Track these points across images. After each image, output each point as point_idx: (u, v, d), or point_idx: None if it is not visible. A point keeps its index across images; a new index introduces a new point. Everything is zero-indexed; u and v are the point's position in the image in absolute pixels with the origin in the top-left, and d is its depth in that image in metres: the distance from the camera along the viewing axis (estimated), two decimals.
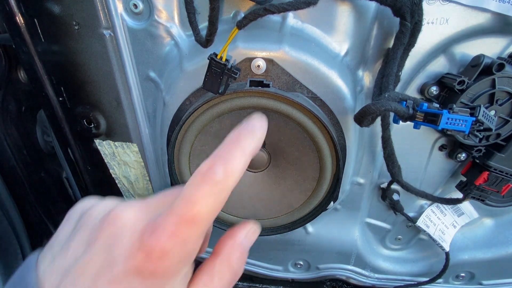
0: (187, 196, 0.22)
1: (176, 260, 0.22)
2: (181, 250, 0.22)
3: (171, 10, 0.41)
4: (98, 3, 0.41)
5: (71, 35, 0.44)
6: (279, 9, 0.32)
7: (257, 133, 0.25)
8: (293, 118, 0.40)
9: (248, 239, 0.29)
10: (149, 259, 0.21)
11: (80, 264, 0.23)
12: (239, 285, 0.73)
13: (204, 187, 0.22)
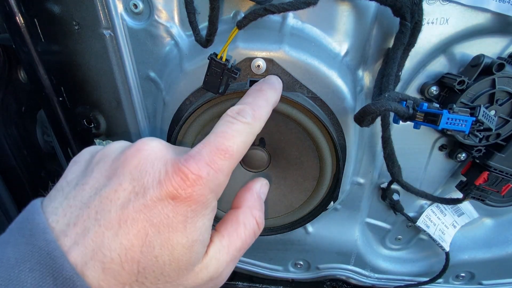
0: (221, 131, 0.24)
1: (209, 188, 0.23)
2: (215, 179, 0.23)
3: (171, 10, 0.41)
4: (98, 3, 0.41)
5: (71, 35, 0.44)
6: (279, 9, 0.32)
7: (277, 86, 0.29)
8: (293, 118, 0.40)
9: (263, 191, 0.31)
10: (185, 183, 0.22)
11: (104, 195, 0.22)
12: (239, 285, 0.73)
13: (236, 126, 0.24)
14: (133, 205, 0.21)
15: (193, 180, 0.22)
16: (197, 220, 0.23)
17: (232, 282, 0.73)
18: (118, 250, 0.21)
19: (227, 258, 0.26)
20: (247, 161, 0.45)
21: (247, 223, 0.28)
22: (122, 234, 0.21)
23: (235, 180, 0.46)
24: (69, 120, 0.52)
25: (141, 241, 0.21)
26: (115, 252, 0.21)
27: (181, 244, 0.22)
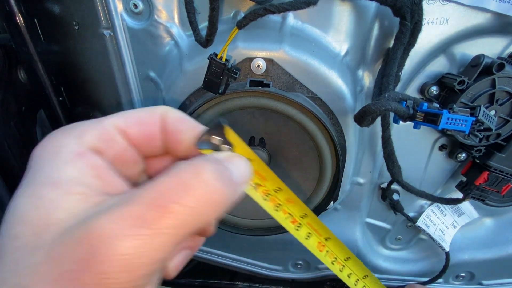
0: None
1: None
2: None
3: (171, 10, 0.41)
4: (98, 3, 0.41)
5: (71, 35, 0.44)
6: (279, 9, 0.32)
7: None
8: (293, 118, 0.40)
9: (235, 163, 0.21)
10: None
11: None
12: (239, 285, 0.73)
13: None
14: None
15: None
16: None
17: (232, 282, 0.73)
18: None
19: (115, 222, 0.16)
20: None
21: (170, 171, 0.18)
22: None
23: None
24: (69, 120, 0.52)
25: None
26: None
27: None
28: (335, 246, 0.33)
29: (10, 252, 0.17)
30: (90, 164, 0.19)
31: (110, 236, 0.15)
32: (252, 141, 0.45)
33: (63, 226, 0.16)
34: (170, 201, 0.16)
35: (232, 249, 0.65)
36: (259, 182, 0.27)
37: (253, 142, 0.45)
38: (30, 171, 0.19)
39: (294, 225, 0.30)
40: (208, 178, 0.18)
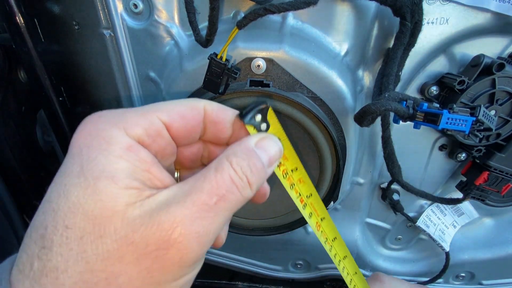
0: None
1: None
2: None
3: (171, 10, 0.41)
4: (98, 3, 0.41)
5: (71, 35, 0.44)
6: (279, 9, 0.32)
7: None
8: (293, 118, 0.40)
9: (263, 145, 0.24)
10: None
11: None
12: (239, 285, 0.73)
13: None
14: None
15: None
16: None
17: (232, 282, 0.73)
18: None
19: (187, 208, 0.19)
20: None
21: (219, 168, 0.22)
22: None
23: None
24: (69, 120, 0.52)
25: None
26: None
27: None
28: (327, 226, 0.37)
29: (61, 242, 0.18)
30: (141, 159, 0.21)
31: (185, 220, 0.19)
32: None
33: (127, 217, 0.19)
34: (225, 191, 0.21)
35: (232, 249, 0.65)
36: (281, 161, 0.31)
37: None
38: (80, 160, 0.20)
39: (301, 204, 0.34)
40: (243, 175, 0.22)
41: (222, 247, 0.65)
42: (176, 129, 0.24)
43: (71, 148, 0.21)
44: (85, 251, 0.18)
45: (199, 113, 0.25)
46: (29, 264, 0.19)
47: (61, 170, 0.21)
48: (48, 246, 0.18)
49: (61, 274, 0.18)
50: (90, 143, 0.20)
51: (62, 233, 0.18)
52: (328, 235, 0.37)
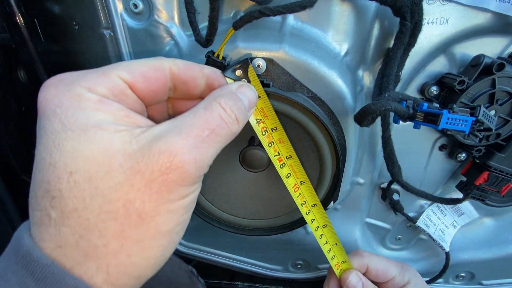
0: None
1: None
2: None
3: (171, 10, 0.41)
4: (98, 3, 0.41)
5: (71, 35, 0.44)
6: (274, 12, 0.32)
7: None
8: (293, 118, 0.40)
9: (242, 91, 0.28)
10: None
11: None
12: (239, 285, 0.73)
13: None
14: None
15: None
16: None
17: (232, 282, 0.73)
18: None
19: (183, 139, 0.22)
20: (247, 161, 0.45)
21: (208, 107, 0.24)
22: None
23: (235, 180, 0.46)
24: None
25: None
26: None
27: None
28: (306, 191, 0.39)
29: (70, 187, 0.20)
30: (116, 109, 0.22)
31: (183, 149, 0.21)
32: (252, 141, 0.45)
33: (127, 152, 0.21)
34: (215, 125, 0.24)
35: (232, 249, 0.65)
36: (261, 118, 0.34)
37: (253, 142, 0.45)
38: (57, 119, 0.21)
39: (280, 163, 0.37)
40: (235, 107, 0.26)
41: (222, 247, 0.65)
42: (140, 89, 0.24)
43: (42, 111, 0.22)
44: (98, 187, 0.20)
45: (164, 75, 0.25)
46: (46, 217, 0.20)
47: (40, 134, 0.22)
48: (58, 195, 0.20)
49: (82, 212, 0.20)
50: (61, 103, 0.22)
51: (68, 179, 0.20)
52: (307, 199, 0.39)
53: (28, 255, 0.20)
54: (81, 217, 0.20)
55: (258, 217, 0.48)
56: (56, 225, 0.20)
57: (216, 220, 0.48)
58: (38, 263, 0.20)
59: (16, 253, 0.21)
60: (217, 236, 0.63)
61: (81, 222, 0.20)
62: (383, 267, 0.47)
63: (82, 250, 0.20)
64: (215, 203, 0.47)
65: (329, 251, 0.44)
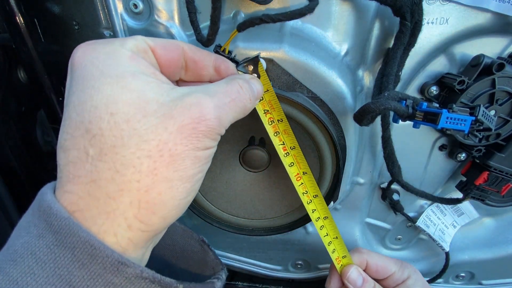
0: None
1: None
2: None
3: (171, 10, 0.41)
4: (98, 3, 0.41)
5: (71, 35, 0.44)
6: (274, 19, 0.33)
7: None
8: (293, 118, 0.40)
9: (254, 82, 0.32)
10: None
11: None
12: (239, 285, 0.73)
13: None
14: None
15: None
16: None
17: (232, 282, 0.73)
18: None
19: (210, 98, 0.25)
20: (247, 161, 0.45)
21: (229, 82, 0.29)
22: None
23: (235, 180, 0.46)
24: None
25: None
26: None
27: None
28: (308, 181, 0.41)
29: (111, 127, 0.22)
30: (145, 64, 0.25)
31: (210, 106, 0.25)
32: (252, 140, 0.45)
33: (160, 101, 0.23)
34: (234, 96, 0.28)
35: (232, 249, 0.65)
36: (268, 109, 0.37)
37: (253, 142, 0.45)
38: (96, 68, 0.23)
39: (284, 151, 0.39)
40: (249, 89, 0.30)
41: (222, 247, 0.65)
42: (159, 55, 0.27)
43: (78, 64, 0.24)
44: (135, 128, 0.22)
45: (178, 49, 0.29)
46: (84, 154, 0.22)
47: (76, 82, 0.23)
48: (99, 134, 0.22)
49: (119, 149, 0.22)
50: (98, 55, 0.24)
51: (109, 120, 0.22)
52: (308, 189, 0.41)
53: (49, 209, 0.22)
54: (118, 154, 0.22)
55: (258, 217, 0.48)
56: (93, 161, 0.22)
57: (216, 220, 0.48)
58: (57, 216, 0.21)
59: (39, 208, 0.23)
60: (217, 236, 0.63)
61: (118, 158, 0.22)
62: (382, 263, 0.48)
63: (117, 185, 0.22)
64: (215, 203, 0.47)
65: (329, 244, 0.45)
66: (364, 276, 0.47)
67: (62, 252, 0.21)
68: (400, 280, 0.47)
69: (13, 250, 0.22)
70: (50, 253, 0.21)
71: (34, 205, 0.24)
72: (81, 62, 0.24)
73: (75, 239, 0.21)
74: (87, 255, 0.21)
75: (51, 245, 0.21)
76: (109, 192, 0.22)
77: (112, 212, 0.22)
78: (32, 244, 0.21)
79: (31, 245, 0.21)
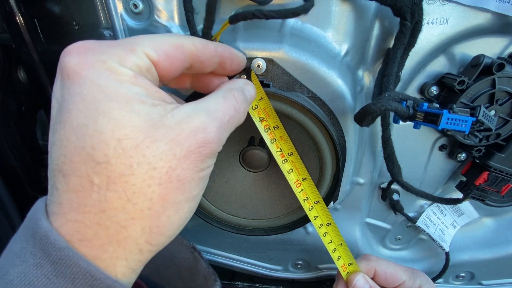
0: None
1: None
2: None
3: (171, 10, 0.41)
4: (98, 3, 0.41)
5: (71, 35, 0.44)
6: (267, 16, 0.33)
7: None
8: (293, 118, 0.40)
9: (247, 88, 0.32)
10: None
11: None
12: (239, 285, 0.73)
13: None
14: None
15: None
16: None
17: (232, 282, 0.73)
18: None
19: (212, 121, 0.25)
20: (247, 161, 0.45)
21: (227, 97, 0.28)
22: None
23: (235, 180, 0.46)
24: None
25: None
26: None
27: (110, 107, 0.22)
28: (308, 187, 0.41)
29: (118, 154, 0.21)
30: (147, 84, 0.24)
31: (214, 128, 0.25)
32: (252, 141, 0.45)
33: (166, 125, 0.23)
34: (232, 113, 0.28)
35: (232, 249, 0.65)
36: (264, 117, 0.37)
37: (253, 142, 0.45)
38: (98, 88, 0.22)
39: (282, 158, 0.39)
40: (244, 101, 0.30)
41: (222, 247, 0.65)
42: (162, 68, 0.26)
43: (73, 77, 0.22)
44: (144, 155, 0.22)
45: (184, 54, 0.27)
46: (88, 182, 0.21)
47: (75, 100, 0.22)
48: (104, 161, 0.21)
49: (129, 177, 0.21)
50: (98, 73, 0.22)
51: (115, 146, 0.21)
52: (309, 195, 0.41)
53: (46, 237, 0.21)
54: (128, 183, 0.21)
55: (258, 217, 0.48)
56: (101, 190, 0.21)
57: (216, 220, 0.48)
58: (55, 245, 0.21)
59: (33, 235, 0.21)
60: (217, 236, 0.63)
61: (128, 187, 0.21)
62: (392, 271, 0.46)
63: (129, 214, 0.22)
64: (215, 203, 0.47)
65: (334, 251, 0.44)
66: (372, 284, 0.45)
67: (62, 283, 0.20)
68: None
69: (8, 280, 0.21)
70: (49, 283, 0.20)
71: (27, 230, 0.22)
72: (79, 76, 0.22)
73: (75, 269, 0.20)
74: (88, 285, 0.21)
75: (50, 275, 0.20)
76: (120, 221, 0.22)
77: (124, 240, 0.22)
78: (29, 274, 0.21)
79: (28, 275, 0.20)
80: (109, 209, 0.21)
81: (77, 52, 0.23)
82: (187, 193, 0.24)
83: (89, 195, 0.21)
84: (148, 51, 0.24)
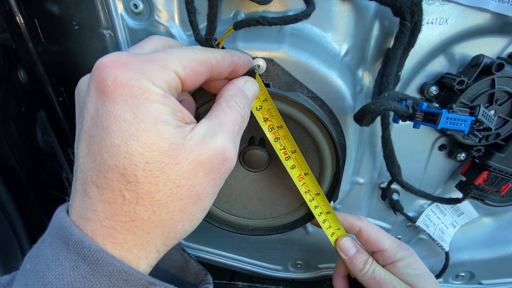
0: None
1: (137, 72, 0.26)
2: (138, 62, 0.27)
3: (171, 10, 0.41)
4: (98, 3, 0.41)
5: (71, 35, 0.44)
6: (270, 22, 0.34)
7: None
8: (293, 118, 0.40)
9: (247, 86, 0.33)
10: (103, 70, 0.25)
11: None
12: (239, 285, 0.73)
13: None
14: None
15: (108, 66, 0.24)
16: (141, 106, 0.24)
17: (232, 282, 0.73)
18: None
19: (227, 136, 0.28)
20: (247, 161, 0.45)
21: (231, 105, 0.30)
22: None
23: (235, 180, 0.47)
24: (69, 120, 0.52)
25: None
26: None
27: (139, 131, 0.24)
28: (310, 181, 0.43)
29: (146, 175, 0.24)
30: (173, 103, 0.26)
31: (230, 144, 0.28)
32: (252, 140, 0.45)
33: (187, 147, 0.25)
34: (239, 122, 0.30)
35: (232, 249, 0.65)
36: (268, 117, 0.38)
37: (253, 141, 0.45)
38: (129, 109, 0.24)
39: (285, 156, 0.41)
40: (246, 104, 0.32)
41: (222, 247, 0.65)
42: (187, 85, 0.28)
43: (109, 95, 0.24)
44: (169, 175, 0.25)
45: (208, 70, 0.29)
46: (120, 196, 0.24)
47: (109, 120, 0.24)
48: (134, 180, 0.24)
49: (155, 194, 0.25)
50: (132, 93, 0.24)
51: (144, 168, 0.24)
52: (310, 188, 0.43)
53: (80, 242, 0.24)
54: (154, 198, 0.25)
55: (258, 217, 0.48)
56: (131, 204, 0.24)
57: (216, 220, 0.48)
58: (90, 249, 0.24)
59: (66, 241, 0.24)
60: (217, 236, 0.63)
61: (154, 202, 0.25)
62: (375, 236, 0.45)
63: (153, 223, 0.25)
64: (215, 203, 0.47)
65: (332, 235, 0.47)
66: (359, 248, 0.46)
67: (99, 280, 0.23)
68: (390, 260, 0.44)
69: (47, 282, 0.23)
70: (86, 282, 0.23)
71: (57, 238, 0.25)
72: (114, 94, 0.24)
73: (111, 268, 0.23)
74: (122, 280, 0.24)
75: (86, 274, 0.23)
76: (145, 229, 0.25)
77: (147, 243, 0.26)
78: (67, 275, 0.23)
79: (66, 276, 0.23)
80: (138, 219, 0.25)
81: (113, 67, 0.24)
82: (203, 206, 0.28)
83: (121, 207, 0.24)
84: (178, 70, 0.26)
